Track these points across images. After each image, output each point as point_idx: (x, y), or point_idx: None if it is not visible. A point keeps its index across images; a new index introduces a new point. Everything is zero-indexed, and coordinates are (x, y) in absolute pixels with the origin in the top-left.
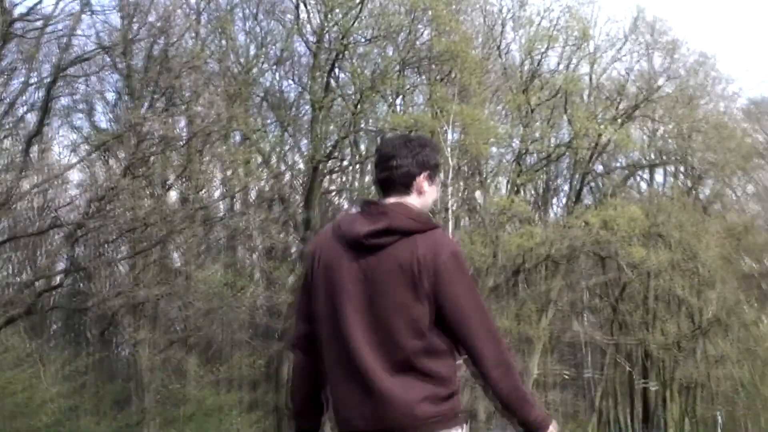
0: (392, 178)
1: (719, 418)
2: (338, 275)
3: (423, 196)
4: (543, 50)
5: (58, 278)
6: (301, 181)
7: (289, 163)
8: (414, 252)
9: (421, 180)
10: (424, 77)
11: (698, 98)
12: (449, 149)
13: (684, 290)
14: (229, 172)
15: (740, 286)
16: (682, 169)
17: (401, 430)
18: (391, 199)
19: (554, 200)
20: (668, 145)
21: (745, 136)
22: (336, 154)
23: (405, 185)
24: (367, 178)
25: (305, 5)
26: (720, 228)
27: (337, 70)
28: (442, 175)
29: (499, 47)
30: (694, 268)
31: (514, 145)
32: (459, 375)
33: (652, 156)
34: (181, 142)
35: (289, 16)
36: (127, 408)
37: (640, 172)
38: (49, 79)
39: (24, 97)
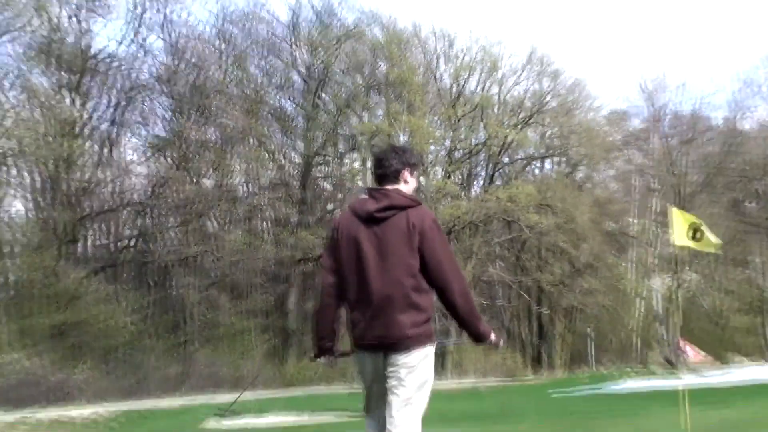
0: (386, 173)
1: (591, 333)
2: (358, 239)
3: (407, 184)
4: (465, 77)
5: (128, 241)
6: (297, 171)
7: (289, 158)
8: (408, 220)
9: (405, 173)
10: (382, 97)
11: (574, 109)
12: None
13: (565, 243)
14: (247, 165)
15: (604, 240)
16: (564, 159)
17: (397, 342)
18: (387, 187)
19: (475, 182)
20: (554, 143)
21: (607, 136)
22: (322, 151)
23: (395, 177)
24: (344, 168)
25: (298, 47)
26: (590, 200)
27: (321, 93)
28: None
29: (435, 75)
30: (572, 228)
31: (446, 144)
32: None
33: (543, 150)
34: (213, 145)
35: (287, 55)
36: (178, 331)
37: (534, 162)
38: (118, 101)
39: (100, 114)
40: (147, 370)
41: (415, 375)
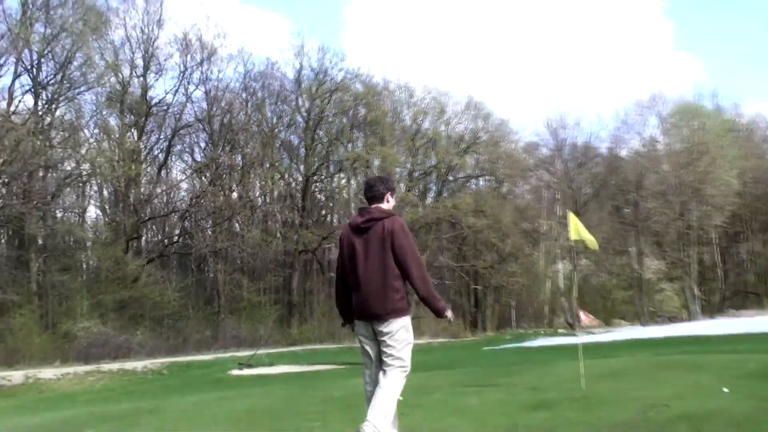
0: (374, 195)
1: (514, 303)
2: (353, 244)
3: (389, 203)
4: (421, 118)
5: (175, 237)
6: (300, 187)
7: (294, 177)
8: (383, 227)
9: (388, 195)
10: (362, 133)
11: (500, 142)
12: (375, 170)
13: (494, 239)
14: (263, 182)
15: (524, 236)
16: (493, 178)
17: (382, 315)
18: (374, 205)
19: (428, 194)
20: (486, 166)
21: (524, 161)
22: (318, 172)
23: (380, 198)
24: (334, 184)
25: (301, 97)
26: (512, 207)
27: (318, 130)
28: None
29: (399, 117)
30: (499, 227)
31: (407, 166)
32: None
33: (478, 171)
34: (238, 167)
35: (293, 103)
36: (211, 304)
37: (472, 180)
38: (169, 136)
39: (156, 145)
40: (188, 333)
41: (396, 338)
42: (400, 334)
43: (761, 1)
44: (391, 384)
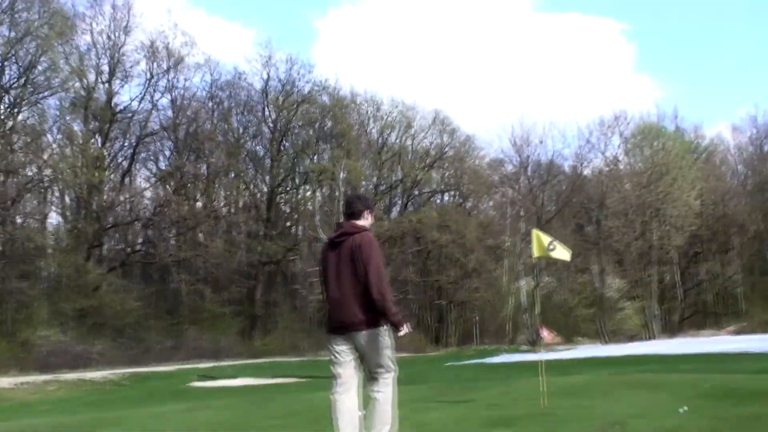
0: (353, 212)
1: (476, 318)
2: (327, 258)
3: (367, 220)
4: (388, 132)
5: (138, 246)
6: (265, 198)
7: (259, 187)
8: (353, 241)
9: (366, 213)
10: (328, 145)
11: (465, 157)
12: (341, 183)
13: (459, 254)
14: (228, 193)
15: (487, 252)
16: (457, 193)
17: (354, 325)
18: (350, 221)
19: (394, 208)
20: (450, 181)
21: (488, 177)
22: (283, 183)
23: (358, 215)
24: (299, 196)
25: (267, 108)
26: (476, 223)
27: (284, 141)
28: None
29: (366, 130)
30: (463, 242)
31: (373, 180)
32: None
33: (443, 186)
34: (203, 177)
35: (259, 113)
36: (173, 314)
37: (436, 194)
38: (134, 143)
39: (120, 152)
40: (149, 343)
41: (371, 348)
42: (377, 343)
43: (721, 26)
44: (385, 392)
